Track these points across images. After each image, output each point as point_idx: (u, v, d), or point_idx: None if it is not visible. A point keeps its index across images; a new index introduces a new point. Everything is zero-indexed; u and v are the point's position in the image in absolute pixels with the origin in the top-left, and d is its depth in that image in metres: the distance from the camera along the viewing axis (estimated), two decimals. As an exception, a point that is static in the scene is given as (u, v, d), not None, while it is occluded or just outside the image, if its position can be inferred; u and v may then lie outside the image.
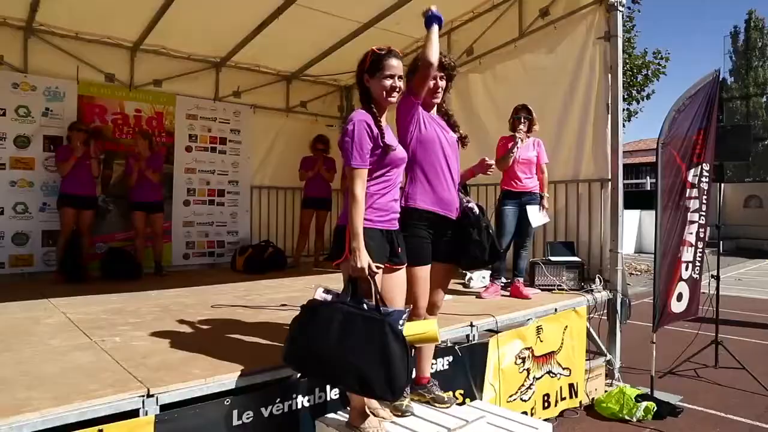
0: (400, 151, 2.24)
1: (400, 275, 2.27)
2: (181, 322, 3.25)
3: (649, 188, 30.56)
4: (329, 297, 2.01)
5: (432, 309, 2.52)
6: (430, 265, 2.43)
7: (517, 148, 3.85)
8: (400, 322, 1.95)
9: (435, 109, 2.56)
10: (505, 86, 5.32)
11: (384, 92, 2.19)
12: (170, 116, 6.13)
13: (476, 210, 2.44)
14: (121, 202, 5.66)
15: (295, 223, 6.91)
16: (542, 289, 4.35)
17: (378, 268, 2.05)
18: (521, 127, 4.00)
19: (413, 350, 2.09)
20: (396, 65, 2.19)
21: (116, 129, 5.75)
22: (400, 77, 2.21)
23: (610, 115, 4.45)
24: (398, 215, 2.26)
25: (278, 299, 4.04)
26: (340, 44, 5.86)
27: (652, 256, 4.11)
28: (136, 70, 5.77)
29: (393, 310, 2.00)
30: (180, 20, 5.11)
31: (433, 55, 2.27)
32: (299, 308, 2.04)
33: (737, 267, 12.44)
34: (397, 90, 2.22)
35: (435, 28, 2.32)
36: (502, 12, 5.27)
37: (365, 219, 2.07)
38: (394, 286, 2.22)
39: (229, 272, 5.83)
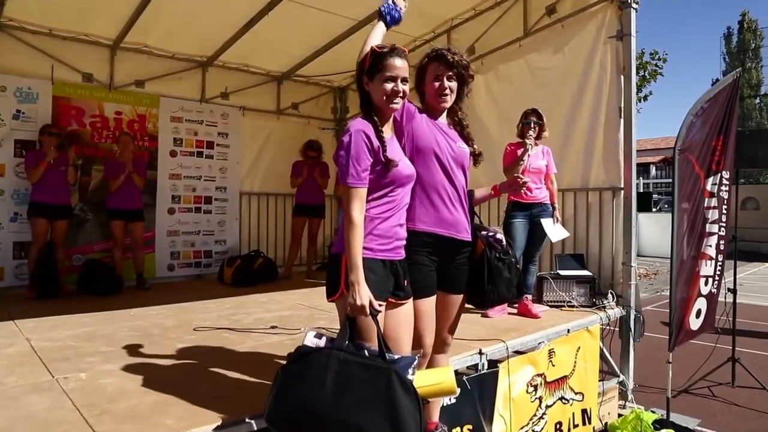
0: (404, 167, 1.92)
1: (406, 311, 1.94)
2: (159, 350, 2.92)
3: (641, 190, 30.47)
4: (322, 342, 1.67)
5: (441, 347, 2.18)
6: (434, 297, 2.09)
7: (528, 155, 3.56)
8: (410, 370, 1.64)
9: (444, 115, 2.21)
10: (508, 87, 5.06)
11: (384, 97, 1.88)
12: (153, 119, 5.78)
13: (505, 243, 2.13)
14: (100, 211, 5.30)
15: (286, 232, 6.57)
16: (551, 306, 4.07)
17: (380, 305, 1.73)
18: (531, 133, 3.71)
19: (425, 403, 1.77)
20: (399, 65, 1.88)
21: (95, 132, 5.38)
22: (404, 80, 1.90)
23: (623, 119, 4.17)
24: (404, 242, 1.94)
25: (267, 319, 3.73)
26: (334, 43, 5.57)
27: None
28: (116, 69, 5.42)
29: (400, 357, 1.68)
30: (163, 17, 4.81)
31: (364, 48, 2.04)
32: (286, 355, 1.71)
33: (737, 271, 12.23)
34: (401, 94, 1.90)
35: (381, 25, 2.18)
36: (506, 9, 4.99)
37: (364, 248, 1.75)
38: (400, 323, 1.89)
39: (216, 285, 5.50)
